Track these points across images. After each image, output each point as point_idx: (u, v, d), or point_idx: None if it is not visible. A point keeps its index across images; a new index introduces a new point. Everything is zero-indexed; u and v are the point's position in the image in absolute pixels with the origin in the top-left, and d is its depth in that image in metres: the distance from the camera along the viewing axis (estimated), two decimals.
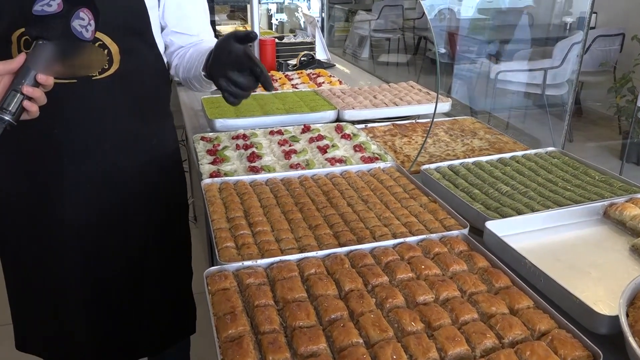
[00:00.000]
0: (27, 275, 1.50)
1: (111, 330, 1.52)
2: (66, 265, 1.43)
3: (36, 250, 1.44)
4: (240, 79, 1.20)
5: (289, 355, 0.85)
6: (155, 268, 1.57)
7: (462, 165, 1.61)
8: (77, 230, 1.40)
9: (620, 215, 1.32)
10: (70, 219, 1.38)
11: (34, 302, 1.53)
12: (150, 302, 1.57)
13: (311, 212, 1.30)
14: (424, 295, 0.99)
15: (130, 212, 1.48)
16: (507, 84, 5.19)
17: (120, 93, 1.35)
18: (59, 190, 1.36)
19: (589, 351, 0.86)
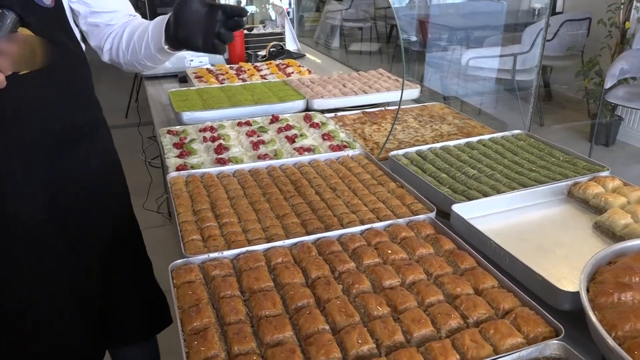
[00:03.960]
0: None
1: (77, 328, 1.49)
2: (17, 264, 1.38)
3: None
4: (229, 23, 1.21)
5: (254, 345, 0.85)
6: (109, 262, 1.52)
7: (430, 150, 1.61)
8: (29, 228, 1.35)
9: (583, 194, 1.34)
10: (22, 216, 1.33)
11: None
12: (113, 296, 1.54)
13: (279, 202, 1.29)
14: (390, 280, 0.99)
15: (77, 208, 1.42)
16: (478, 70, 5.23)
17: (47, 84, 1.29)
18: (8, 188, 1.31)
19: (552, 327, 0.88)
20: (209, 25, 1.20)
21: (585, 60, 5.31)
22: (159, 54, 1.38)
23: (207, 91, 2.19)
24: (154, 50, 1.36)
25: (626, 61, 4.42)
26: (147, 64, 1.46)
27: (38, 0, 1.05)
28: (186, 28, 1.23)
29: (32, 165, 1.30)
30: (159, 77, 2.75)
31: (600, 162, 1.49)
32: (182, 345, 0.85)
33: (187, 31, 1.23)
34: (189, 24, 1.22)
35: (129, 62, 1.47)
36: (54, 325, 1.45)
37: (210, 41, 1.21)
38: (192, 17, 1.20)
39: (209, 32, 1.20)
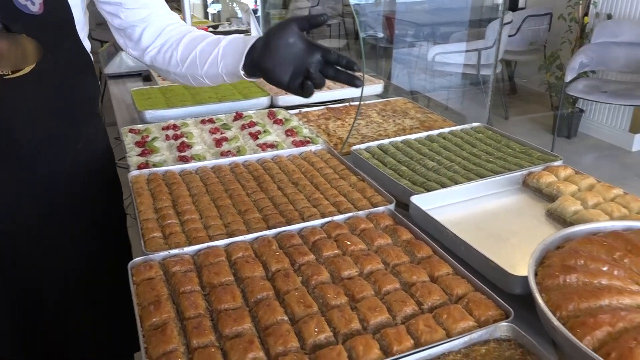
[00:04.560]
0: None
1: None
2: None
3: None
4: (329, 71, 1.06)
5: (213, 338, 0.86)
6: (88, 283, 1.43)
7: (391, 144, 1.64)
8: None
9: (537, 183, 1.39)
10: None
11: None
12: (85, 319, 1.45)
13: (241, 198, 1.30)
14: (348, 270, 1.01)
15: (55, 222, 1.34)
16: (445, 65, 5.32)
17: (37, 93, 1.21)
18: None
19: (502, 310, 0.91)
20: (302, 63, 1.05)
21: (547, 54, 5.45)
22: (226, 76, 1.24)
23: (171, 89, 2.17)
24: (223, 70, 1.23)
25: (585, 55, 4.56)
26: (204, 82, 1.31)
27: (23, 8, 0.99)
28: (274, 59, 1.06)
29: (17, 175, 1.23)
30: (123, 76, 2.72)
31: (562, 154, 1.54)
32: (140, 341, 0.85)
33: (275, 63, 1.06)
34: (280, 56, 1.06)
35: (182, 75, 1.32)
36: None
37: (298, 81, 1.06)
38: (285, 50, 1.05)
39: (300, 71, 1.05)
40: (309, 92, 1.06)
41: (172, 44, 1.31)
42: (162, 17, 1.33)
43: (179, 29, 1.33)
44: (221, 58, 1.22)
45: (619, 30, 4.56)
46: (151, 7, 1.31)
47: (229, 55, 1.20)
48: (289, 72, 1.06)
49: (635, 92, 4.39)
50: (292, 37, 1.05)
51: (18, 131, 1.21)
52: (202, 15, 6.13)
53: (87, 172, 1.38)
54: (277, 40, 1.06)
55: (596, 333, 0.78)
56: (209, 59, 1.24)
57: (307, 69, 1.04)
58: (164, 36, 1.32)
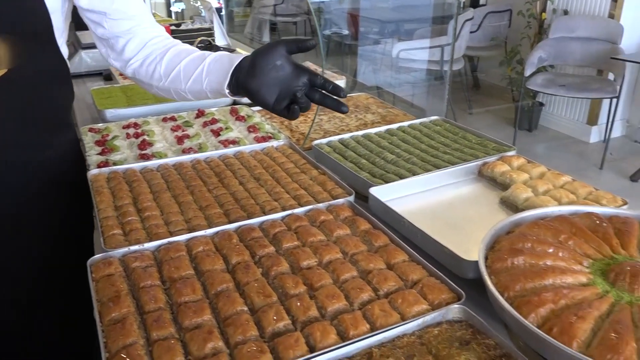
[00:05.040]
0: None
1: None
2: None
3: None
4: (315, 95, 1.06)
5: (173, 330, 0.87)
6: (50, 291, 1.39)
7: (352, 138, 1.67)
8: None
9: (491, 173, 1.44)
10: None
11: None
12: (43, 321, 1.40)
13: (202, 194, 1.31)
14: (307, 260, 1.03)
15: (22, 230, 1.30)
16: (410, 62, 5.39)
17: (8, 99, 1.17)
18: None
19: (454, 293, 0.95)
20: (289, 87, 1.04)
21: (508, 50, 5.59)
22: (210, 93, 1.22)
23: (132, 88, 2.16)
24: (207, 87, 1.20)
25: (543, 50, 4.69)
26: (187, 97, 1.28)
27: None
28: (261, 81, 1.05)
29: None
30: (83, 76, 2.68)
31: (523, 146, 1.60)
32: (100, 336, 0.86)
33: (261, 85, 1.05)
34: (266, 78, 1.04)
35: (164, 89, 1.29)
36: None
37: (284, 104, 1.06)
38: (272, 72, 1.04)
39: (286, 94, 1.05)
40: (294, 115, 1.06)
41: (155, 57, 1.27)
42: (147, 30, 1.30)
43: (164, 42, 1.30)
44: (206, 75, 1.19)
45: (575, 25, 4.71)
46: (137, 19, 1.28)
47: (214, 73, 1.17)
48: (274, 94, 1.05)
49: (591, 85, 4.54)
50: (279, 59, 1.04)
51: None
52: (165, 13, 6.07)
53: (57, 180, 1.35)
54: (264, 61, 1.05)
55: (540, 310, 0.82)
56: (193, 75, 1.21)
57: (294, 92, 1.04)
58: (147, 49, 1.28)
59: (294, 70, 1.04)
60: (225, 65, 1.14)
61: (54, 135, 1.33)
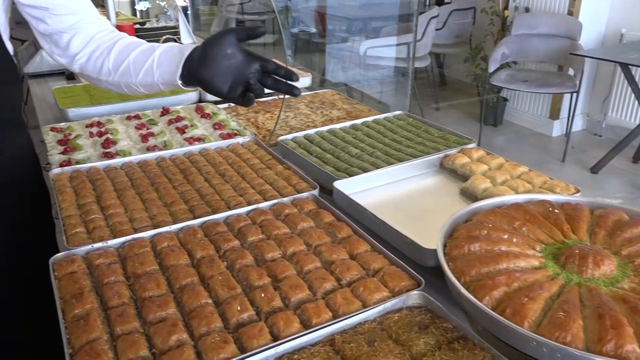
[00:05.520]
0: None
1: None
2: None
3: None
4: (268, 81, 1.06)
5: (137, 325, 0.87)
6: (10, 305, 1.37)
7: (317, 133, 1.69)
8: None
9: (452, 165, 1.48)
10: None
11: None
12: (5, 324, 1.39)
13: (167, 191, 1.31)
14: (271, 253, 1.05)
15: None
16: (377, 59, 5.45)
17: None
18: None
19: (414, 280, 0.98)
20: (241, 74, 1.05)
21: (473, 46, 5.70)
22: (162, 85, 1.21)
23: (95, 87, 2.12)
24: (159, 79, 1.19)
25: (506, 46, 4.80)
26: (139, 90, 1.26)
27: None
28: (213, 70, 1.06)
29: None
30: (44, 75, 2.63)
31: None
32: (62, 333, 0.86)
33: (213, 74, 1.06)
34: (218, 67, 1.05)
35: (114, 83, 1.26)
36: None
37: (238, 91, 1.06)
38: (223, 61, 1.05)
39: (239, 82, 1.06)
40: (249, 102, 1.07)
41: (103, 52, 1.25)
42: (93, 24, 1.27)
43: (110, 36, 1.28)
44: (157, 67, 1.18)
45: (537, 22, 4.83)
46: (81, 13, 1.25)
47: (164, 64, 1.16)
48: (228, 82, 1.06)
49: (552, 80, 4.67)
50: (230, 47, 1.04)
51: None
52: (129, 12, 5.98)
53: (12, 181, 1.32)
54: (215, 51, 1.05)
55: (494, 293, 0.86)
56: (143, 68, 1.20)
57: (247, 79, 1.05)
58: (93, 43, 1.26)
59: (245, 58, 1.05)
60: (176, 56, 1.14)
61: (6, 136, 1.30)
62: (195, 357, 0.80)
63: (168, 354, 0.80)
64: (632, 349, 0.74)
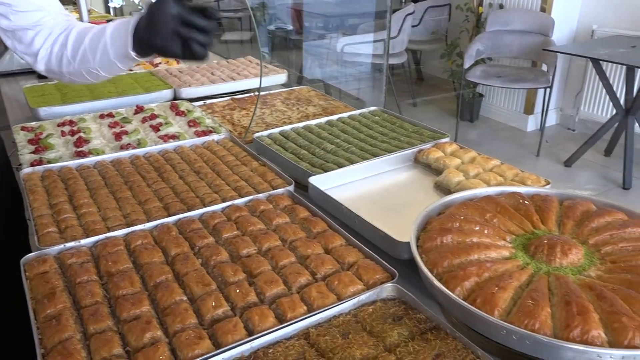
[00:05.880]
0: None
1: None
2: None
3: None
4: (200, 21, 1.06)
5: (111, 323, 0.87)
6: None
7: (293, 130, 1.69)
8: None
9: (426, 159, 1.50)
10: None
11: None
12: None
13: (141, 189, 1.30)
14: (247, 249, 1.05)
15: None
16: (354, 56, 5.46)
17: None
18: None
19: (388, 273, 0.99)
20: (186, 31, 1.06)
21: (448, 43, 5.75)
22: (120, 62, 1.20)
23: (67, 85, 2.10)
24: (115, 56, 1.19)
25: (481, 43, 4.86)
26: (100, 73, 1.25)
27: None
28: (162, 35, 1.07)
29: None
30: (15, 74, 2.57)
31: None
32: (34, 333, 0.85)
33: (164, 38, 1.07)
34: (166, 31, 1.06)
35: (75, 72, 1.26)
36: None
37: (189, 48, 1.08)
38: (168, 23, 1.06)
39: (188, 38, 1.07)
40: (200, 55, 1.09)
41: (61, 43, 1.25)
42: (55, 19, 1.26)
43: (65, 25, 1.27)
44: (111, 44, 1.19)
45: (510, 19, 4.90)
46: (45, 9, 1.23)
47: (117, 40, 1.17)
48: (178, 43, 1.07)
49: (526, 76, 4.74)
50: (173, 8, 1.06)
51: None
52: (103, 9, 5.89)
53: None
54: (160, 15, 1.07)
55: (465, 284, 0.88)
56: (98, 48, 1.20)
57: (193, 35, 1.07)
58: (53, 36, 1.25)
59: (185, 14, 1.06)
60: (125, 29, 1.16)
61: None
62: (169, 354, 0.80)
63: (142, 351, 0.80)
64: (598, 334, 0.76)
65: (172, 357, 0.80)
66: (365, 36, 5.47)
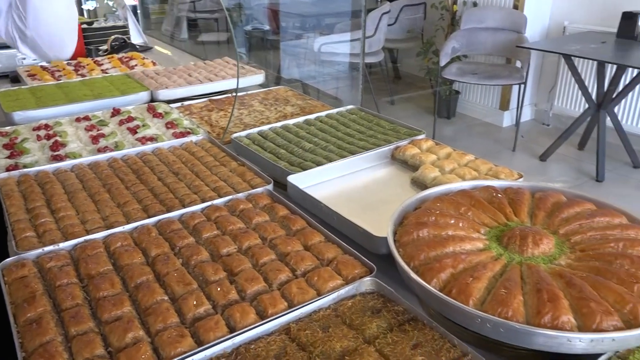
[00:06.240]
0: None
1: None
2: None
3: None
4: None
5: (92, 325, 0.87)
6: None
7: (271, 129, 1.71)
8: None
9: (403, 156, 1.52)
10: None
11: None
12: None
13: (119, 191, 1.30)
14: (227, 248, 1.06)
15: None
16: (332, 55, 5.48)
17: None
18: None
19: (367, 267, 1.01)
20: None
21: (424, 41, 5.81)
22: None
23: (42, 89, 2.08)
24: None
25: (456, 40, 4.92)
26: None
27: None
28: None
29: None
30: None
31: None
32: (15, 337, 0.85)
33: None
34: None
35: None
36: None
37: None
38: None
39: None
40: None
41: None
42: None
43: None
44: None
45: (484, 16, 4.98)
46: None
47: None
48: None
49: (500, 72, 4.82)
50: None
51: None
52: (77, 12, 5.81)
53: None
54: None
55: (441, 275, 0.90)
56: None
57: None
58: None
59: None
60: None
61: None
62: (152, 353, 0.81)
63: (125, 351, 0.81)
64: (567, 319, 0.79)
65: (155, 356, 0.81)
66: (341, 35, 5.49)
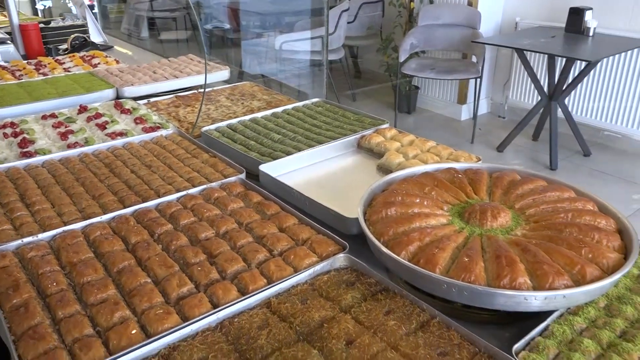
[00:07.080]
0: None
1: None
2: None
3: None
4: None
5: (79, 307, 0.90)
6: None
7: (240, 123, 1.75)
8: None
9: (369, 144, 1.59)
10: None
11: None
12: None
13: (94, 184, 1.32)
14: (205, 233, 1.10)
15: None
16: (293, 53, 5.53)
17: None
18: None
19: (340, 245, 1.08)
20: None
21: (383, 38, 5.93)
22: None
23: (3, 88, 2.05)
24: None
25: (414, 37, 5.05)
26: None
27: None
28: None
29: None
30: None
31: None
32: (2, 322, 0.87)
33: None
34: None
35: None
36: None
37: None
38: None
39: None
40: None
41: None
42: None
43: None
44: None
45: (440, 13, 5.12)
46: None
47: None
48: None
49: (457, 67, 4.98)
50: None
51: None
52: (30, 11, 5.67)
53: None
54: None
55: (409, 248, 0.97)
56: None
57: None
58: None
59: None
60: None
61: None
62: (140, 330, 0.85)
63: (113, 329, 0.84)
64: (524, 280, 0.88)
65: (143, 334, 0.85)
66: (302, 33, 5.55)
